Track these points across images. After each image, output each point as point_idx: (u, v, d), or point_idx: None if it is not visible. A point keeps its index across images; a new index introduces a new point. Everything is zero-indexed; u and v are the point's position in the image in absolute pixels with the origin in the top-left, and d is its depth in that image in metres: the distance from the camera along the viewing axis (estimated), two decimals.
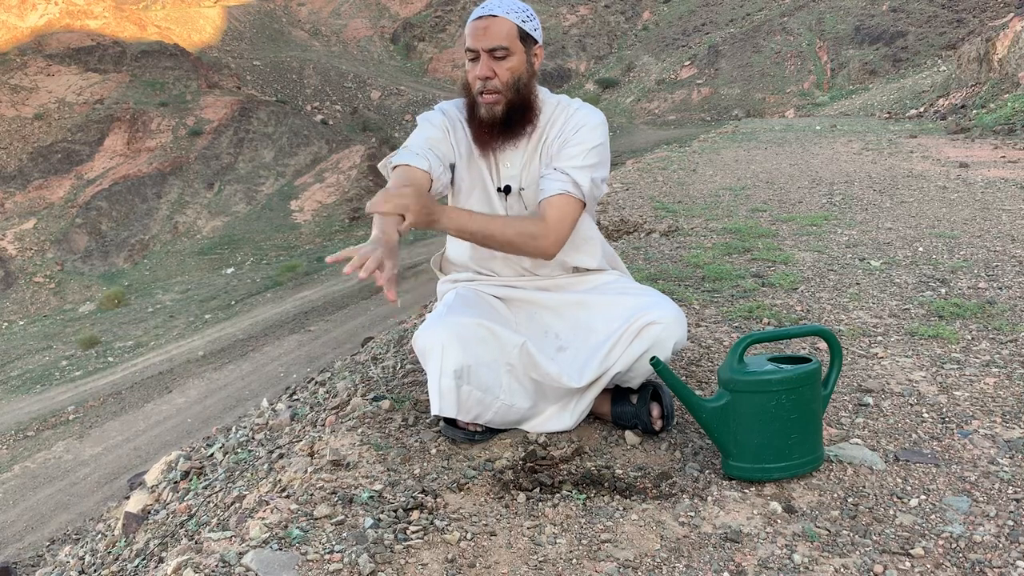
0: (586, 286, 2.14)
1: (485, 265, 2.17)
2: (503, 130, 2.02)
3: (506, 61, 1.97)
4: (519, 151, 2.07)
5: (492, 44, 1.95)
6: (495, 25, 1.95)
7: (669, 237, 4.73)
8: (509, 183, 2.08)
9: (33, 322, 24.77)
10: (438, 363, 1.88)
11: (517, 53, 1.98)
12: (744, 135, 13.07)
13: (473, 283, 2.18)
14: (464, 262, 2.20)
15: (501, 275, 2.17)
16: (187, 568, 1.50)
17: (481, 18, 1.97)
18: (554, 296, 2.11)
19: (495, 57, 1.96)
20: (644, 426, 2.02)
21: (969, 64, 16.44)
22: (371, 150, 34.82)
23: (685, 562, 1.50)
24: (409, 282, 17.93)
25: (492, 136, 2.03)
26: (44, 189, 31.37)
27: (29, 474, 11.74)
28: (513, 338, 1.93)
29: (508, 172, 2.08)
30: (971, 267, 3.64)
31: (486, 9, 1.97)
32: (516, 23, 1.97)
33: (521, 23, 1.98)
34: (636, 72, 46.30)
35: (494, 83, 1.97)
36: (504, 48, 1.96)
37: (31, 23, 37.60)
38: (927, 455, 1.87)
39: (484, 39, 1.96)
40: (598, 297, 2.07)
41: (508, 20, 1.96)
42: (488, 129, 2.02)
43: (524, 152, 2.07)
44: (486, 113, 2.00)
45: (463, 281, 2.20)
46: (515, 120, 2.02)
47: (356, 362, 3.39)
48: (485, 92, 1.98)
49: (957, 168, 7.29)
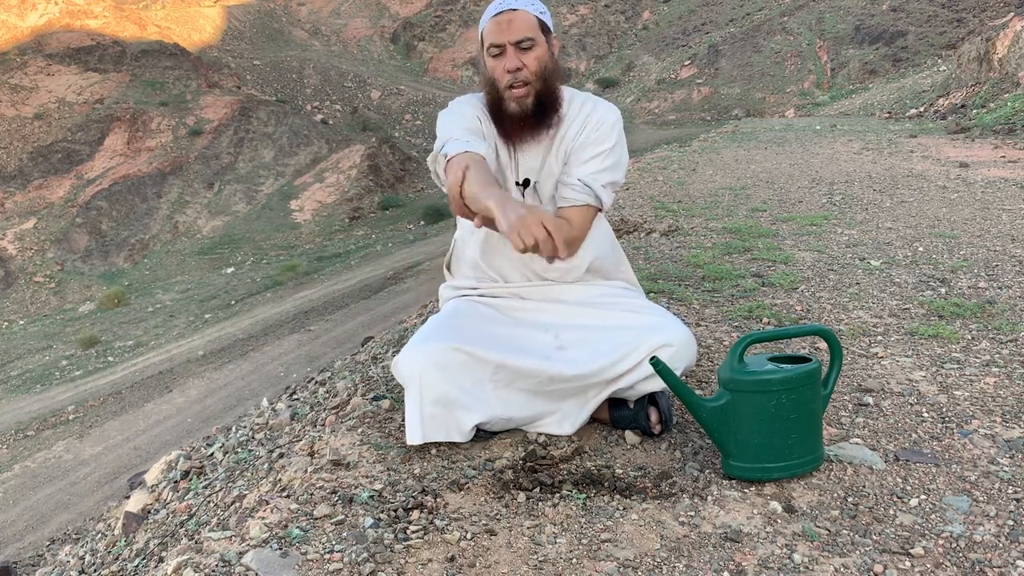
0: (593, 298, 2.13)
1: (493, 265, 2.16)
2: (533, 122, 2.03)
3: (532, 51, 1.99)
4: (540, 145, 2.08)
5: (518, 36, 1.97)
6: (518, 18, 1.97)
7: (669, 237, 4.73)
8: (528, 176, 2.09)
9: (33, 322, 24.77)
10: (417, 392, 1.89)
11: (541, 43, 2.00)
12: (744, 135, 13.08)
13: (477, 291, 2.17)
14: (473, 260, 2.19)
15: (508, 279, 2.16)
16: (187, 568, 1.50)
17: (502, 13, 1.98)
18: (559, 307, 2.11)
19: (522, 49, 1.98)
20: (643, 429, 2.02)
21: (969, 64, 16.43)
22: (371, 150, 34.82)
23: (685, 562, 1.50)
24: (409, 282, 17.93)
25: (522, 129, 2.04)
26: (44, 189, 31.37)
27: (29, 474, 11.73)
28: (493, 357, 1.92)
29: (527, 165, 2.09)
30: (971, 267, 3.63)
31: (504, 4, 1.99)
32: (535, 15, 2.00)
33: (539, 15, 2.01)
34: (636, 72, 46.31)
35: (524, 74, 1.98)
36: (530, 39, 1.98)
37: (31, 23, 37.60)
38: (927, 455, 1.87)
39: (509, 32, 1.97)
40: (605, 313, 2.06)
41: (528, 12, 1.99)
42: (518, 123, 2.03)
43: (543, 147, 2.08)
44: (516, 106, 2.01)
45: (467, 289, 2.19)
46: (544, 111, 2.03)
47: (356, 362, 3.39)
48: (515, 85, 1.99)
49: (957, 168, 7.29)
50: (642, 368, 1.93)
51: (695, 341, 2.03)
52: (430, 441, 1.91)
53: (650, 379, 1.94)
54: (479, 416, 1.92)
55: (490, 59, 2.02)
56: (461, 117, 2.04)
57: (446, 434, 1.91)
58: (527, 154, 2.09)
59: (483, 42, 2.04)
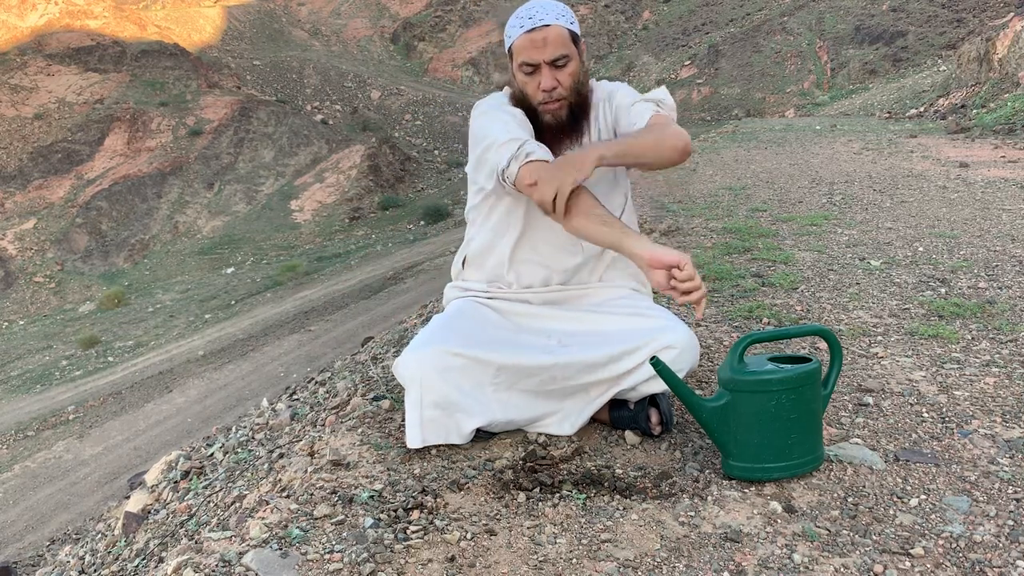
0: (598, 303, 2.12)
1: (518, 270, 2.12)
2: (568, 132, 2.03)
3: (567, 67, 1.97)
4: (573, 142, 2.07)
5: (554, 55, 1.94)
6: (552, 34, 1.94)
7: (669, 237, 4.73)
8: None
9: (33, 322, 24.77)
10: (417, 394, 1.89)
11: (574, 57, 1.98)
12: (744, 135, 13.08)
13: (487, 293, 2.15)
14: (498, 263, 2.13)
15: (529, 284, 2.13)
16: (187, 568, 1.50)
17: (535, 30, 1.94)
18: (563, 313, 2.10)
19: (556, 67, 1.96)
20: (643, 429, 2.02)
21: (969, 64, 16.43)
22: (371, 150, 34.81)
23: (685, 562, 1.50)
24: (409, 282, 17.93)
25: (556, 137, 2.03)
26: (44, 189, 31.36)
27: (29, 474, 11.73)
28: (494, 358, 1.92)
29: None
30: (971, 267, 3.63)
31: (536, 20, 1.95)
32: (567, 27, 1.97)
33: (570, 26, 1.98)
34: (636, 72, 46.28)
35: (559, 92, 1.97)
36: (565, 56, 1.96)
37: (31, 23, 37.59)
38: (927, 455, 1.87)
39: (545, 51, 1.94)
40: (610, 318, 2.05)
41: (560, 26, 1.95)
42: (552, 133, 2.02)
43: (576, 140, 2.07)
44: (551, 119, 2.01)
45: (475, 291, 2.17)
46: (577, 118, 2.03)
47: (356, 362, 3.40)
48: (549, 102, 1.98)
49: (957, 168, 7.29)
50: (645, 369, 1.93)
51: (698, 343, 2.02)
52: (429, 444, 1.91)
53: (652, 380, 1.94)
54: (479, 420, 1.92)
55: (521, 75, 1.99)
56: (513, 116, 2.00)
57: (445, 437, 1.91)
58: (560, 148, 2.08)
59: (513, 55, 2.00)
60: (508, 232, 2.10)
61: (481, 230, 2.17)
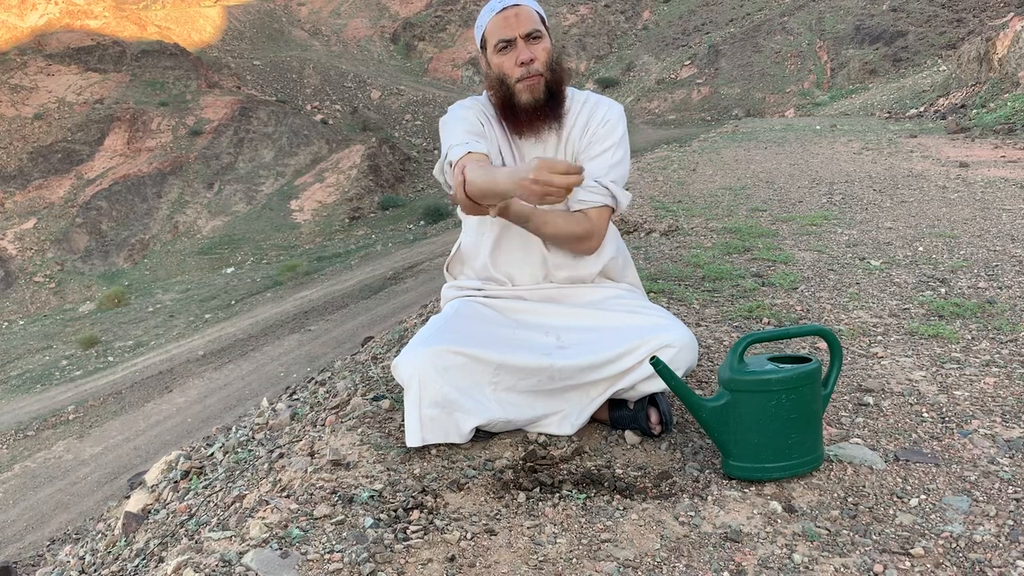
0: (596, 301, 2.13)
1: (502, 269, 2.16)
2: (546, 111, 2.06)
3: (541, 43, 2.04)
4: (545, 145, 2.11)
5: (527, 28, 2.02)
6: (523, 11, 2.03)
7: (669, 237, 4.73)
8: None
9: (33, 322, 24.76)
10: (416, 393, 1.89)
11: (546, 36, 2.07)
12: (744, 135, 13.08)
13: (482, 292, 2.17)
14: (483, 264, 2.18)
15: (517, 281, 2.16)
16: (187, 568, 1.50)
17: (507, 8, 2.03)
18: (561, 309, 2.11)
19: (531, 40, 2.03)
20: (643, 429, 2.02)
21: (969, 64, 16.43)
22: (371, 150, 34.80)
23: (685, 562, 1.50)
24: (409, 282, 17.92)
25: (534, 120, 2.07)
26: (44, 189, 31.35)
27: (29, 474, 11.73)
28: (493, 357, 1.92)
29: None
30: (971, 267, 3.63)
31: (507, 1, 2.04)
32: (536, 9, 2.06)
33: (538, 8, 2.07)
34: (636, 72, 46.27)
35: (536, 66, 2.03)
36: (538, 30, 2.04)
37: (31, 23, 37.58)
38: (927, 455, 1.87)
39: (518, 25, 2.02)
40: (607, 315, 2.07)
41: (531, 7, 2.05)
42: (530, 114, 2.06)
43: (549, 147, 2.11)
44: (528, 97, 2.04)
45: (469, 290, 2.19)
46: (554, 101, 2.07)
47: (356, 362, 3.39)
48: (527, 77, 2.03)
49: (957, 168, 7.29)
50: (643, 368, 1.93)
51: (697, 343, 2.03)
52: (429, 443, 1.91)
53: (651, 380, 1.94)
54: (478, 419, 1.92)
55: (496, 56, 2.04)
56: (462, 121, 2.07)
57: (445, 436, 1.91)
58: (531, 154, 2.09)
59: (486, 41, 2.06)
60: (487, 232, 2.15)
61: (466, 231, 2.23)
